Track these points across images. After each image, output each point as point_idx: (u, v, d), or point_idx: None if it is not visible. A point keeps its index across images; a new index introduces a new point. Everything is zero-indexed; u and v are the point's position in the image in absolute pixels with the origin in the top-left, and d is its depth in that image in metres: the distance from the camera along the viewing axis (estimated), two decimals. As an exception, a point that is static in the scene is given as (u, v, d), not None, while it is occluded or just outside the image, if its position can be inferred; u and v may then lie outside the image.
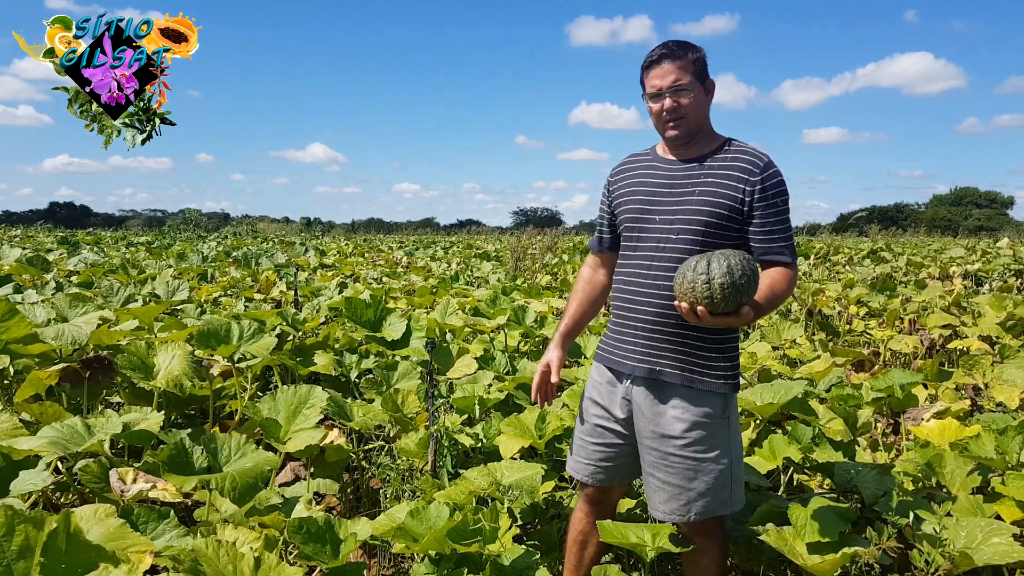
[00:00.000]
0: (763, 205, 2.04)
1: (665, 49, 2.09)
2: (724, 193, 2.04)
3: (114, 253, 14.36)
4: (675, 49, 2.08)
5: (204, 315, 5.67)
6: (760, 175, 2.04)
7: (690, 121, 2.09)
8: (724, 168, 2.07)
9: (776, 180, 2.05)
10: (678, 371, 2.08)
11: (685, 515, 2.10)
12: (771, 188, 2.04)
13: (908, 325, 6.53)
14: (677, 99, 2.06)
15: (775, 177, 2.05)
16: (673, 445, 2.08)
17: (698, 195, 2.06)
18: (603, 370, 2.25)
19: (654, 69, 2.09)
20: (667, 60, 2.07)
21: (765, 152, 2.09)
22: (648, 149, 2.29)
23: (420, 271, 12.05)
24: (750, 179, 2.03)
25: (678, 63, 2.07)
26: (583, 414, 2.31)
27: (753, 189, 2.03)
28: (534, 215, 62.79)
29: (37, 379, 3.50)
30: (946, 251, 17.10)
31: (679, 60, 2.07)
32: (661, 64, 2.08)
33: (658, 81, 2.08)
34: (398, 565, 2.81)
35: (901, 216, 58.15)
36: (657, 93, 2.08)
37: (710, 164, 2.09)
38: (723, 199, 2.04)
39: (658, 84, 2.08)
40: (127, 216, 66.50)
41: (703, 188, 2.06)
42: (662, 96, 2.08)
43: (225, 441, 2.72)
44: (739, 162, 2.07)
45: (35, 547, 1.80)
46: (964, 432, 3.14)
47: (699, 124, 2.11)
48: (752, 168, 2.04)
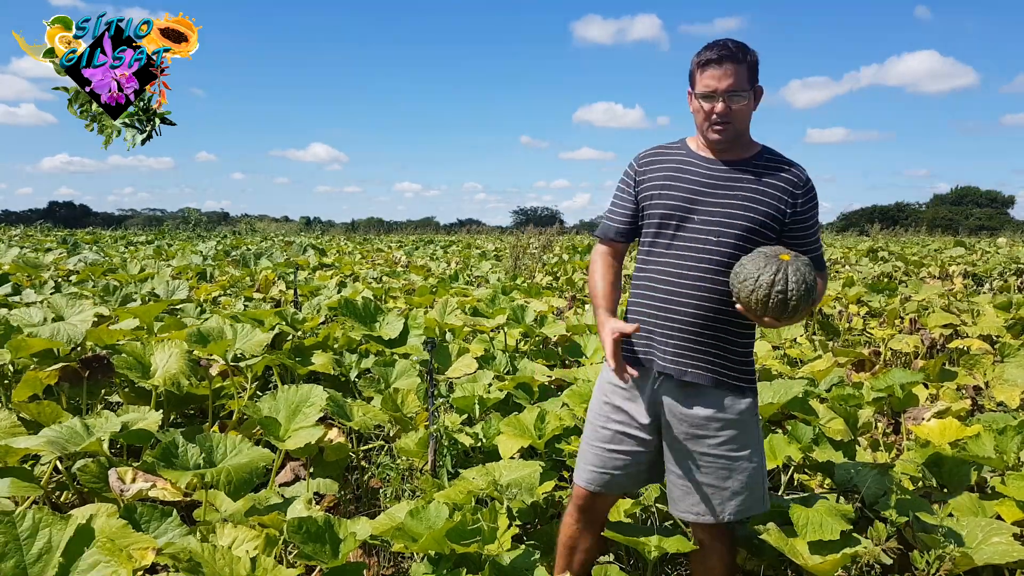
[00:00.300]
0: (802, 219, 2.08)
1: (725, 50, 1.99)
2: (768, 203, 2.04)
3: (114, 253, 14.36)
4: (735, 51, 2.00)
5: (203, 314, 5.67)
6: (803, 190, 2.07)
7: (736, 127, 2.04)
8: (768, 178, 2.06)
9: (813, 195, 2.10)
10: (711, 371, 2.08)
11: (719, 515, 2.09)
12: (810, 201, 2.09)
13: (909, 324, 6.52)
14: (730, 104, 2.00)
15: (812, 191, 2.10)
16: (707, 444, 2.07)
17: (741, 200, 2.04)
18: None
19: (712, 69, 2.00)
20: (728, 62, 1.99)
21: (802, 166, 2.12)
22: (678, 142, 2.20)
23: (419, 271, 12.05)
24: (794, 192, 2.06)
25: (737, 67, 1.99)
26: (599, 420, 2.24)
27: (795, 203, 2.06)
28: (534, 214, 62.80)
29: (34, 379, 3.50)
30: (946, 250, 17.11)
31: (739, 64, 1.99)
32: (722, 65, 1.99)
33: (714, 83, 2.00)
34: (398, 565, 2.81)
35: (902, 215, 58.17)
36: (711, 94, 2.01)
37: (753, 171, 2.07)
38: (766, 207, 2.04)
39: (714, 86, 2.00)
40: (127, 215, 66.48)
41: (746, 194, 2.04)
42: (715, 98, 2.00)
43: (221, 440, 2.72)
44: (783, 173, 2.07)
45: (56, 549, 1.82)
46: (965, 432, 3.14)
47: (743, 129, 2.08)
48: (796, 183, 2.07)
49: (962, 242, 20.31)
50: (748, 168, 2.07)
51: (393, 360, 4.25)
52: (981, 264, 12.62)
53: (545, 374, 4.37)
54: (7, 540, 1.83)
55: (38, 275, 8.64)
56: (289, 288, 8.16)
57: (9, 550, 1.82)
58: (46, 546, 1.85)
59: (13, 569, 1.80)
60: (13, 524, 1.85)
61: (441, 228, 52.20)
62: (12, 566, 1.80)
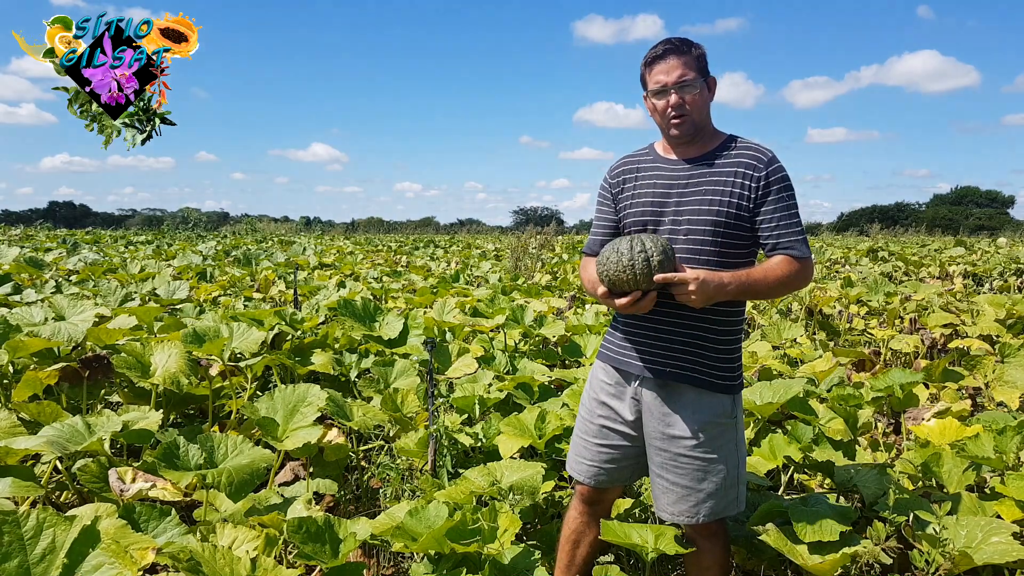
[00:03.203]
0: (769, 199, 2.02)
1: (669, 45, 2.06)
2: (731, 191, 2.03)
3: (113, 253, 14.36)
4: (679, 45, 2.06)
5: (203, 314, 5.67)
6: (765, 169, 2.03)
7: (694, 118, 2.07)
8: (729, 165, 2.06)
9: (781, 174, 2.04)
10: (688, 372, 2.07)
11: (694, 516, 2.10)
12: (776, 182, 2.03)
13: (909, 324, 6.52)
14: (682, 95, 2.04)
15: (780, 172, 2.04)
16: (683, 446, 2.07)
17: (705, 194, 2.05)
18: (610, 371, 2.24)
19: (658, 65, 2.07)
20: (672, 55, 2.05)
21: (769, 147, 2.08)
22: (646, 148, 2.26)
23: (419, 271, 12.05)
24: (755, 174, 2.02)
25: (683, 59, 2.04)
26: (587, 415, 2.29)
27: (758, 184, 2.02)
28: (534, 214, 62.78)
29: (34, 379, 3.50)
30: (946, 250, 17.11)
31: (683, 56, 2.05)
32: (666, 60, 2.05)
33: (663, 77, 2.05)
34: (398, 565, 2.81)
35: (902, 215, 58.18)
36: (662, 89, 2.06)
37: (715, 162, 2.08)
38: (730, 196, 2.03)
39: (663, 80, 2.05)
40: (127, 215, 66.50)
41: (710, 187, 2.05)
42: (667, 92, 2.05)
43: (222, 440, 2.72)
44: (744, 158, 2.06)
45: (60, 549, 1.82)
46: (964, 432, 3.14)
47: (702, 121, 2.10)
48: (756, 163, 2.04)
49: (962, 242, 20.31)
50: (710, 162, 2.08)
51: (393, 360, 4.25)
52: (981, 264, 12.63)
53: (545, 374, 4.38)
54: (11, 540, 1.82)
55: (39, 275, 8.65)
56: (289, 288, 8.16)
57: (13, 550, 1.82)
58: (50, 546, 1.84)
59: (17, 569, 1.80)
60: (17, 524, 1.85)
61: (441, 228, 52.24)
62: (16, 566, 1.80)
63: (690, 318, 2.05)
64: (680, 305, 2.03)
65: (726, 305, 2.07)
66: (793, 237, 2.03)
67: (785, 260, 2.03)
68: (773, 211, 2.03)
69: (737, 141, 2.11)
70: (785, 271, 2.02)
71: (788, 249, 2.03)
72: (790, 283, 2.04)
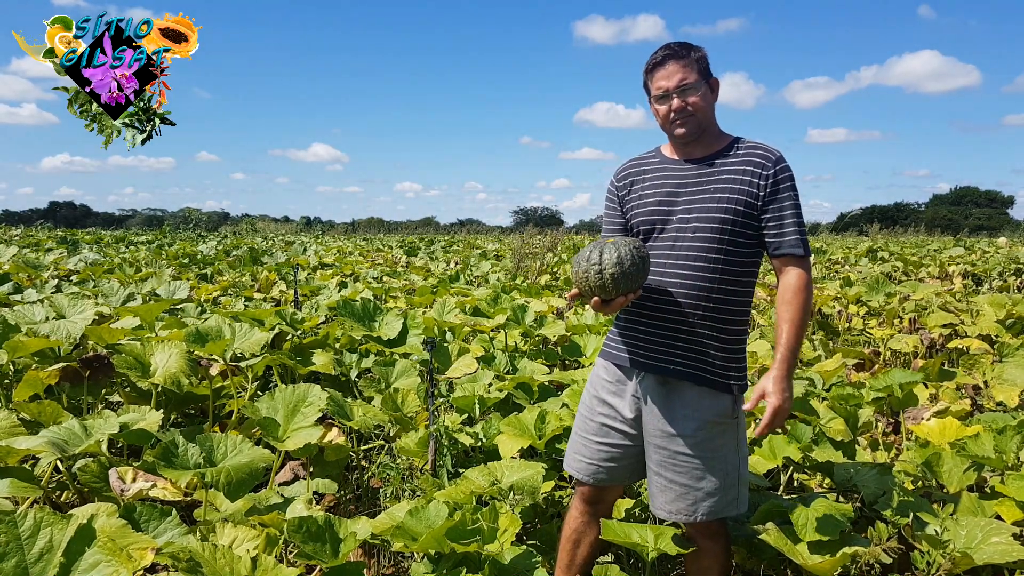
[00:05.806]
0: (777, 197, 2.04)
1: (668, 50, 2.09)
2: (738, 189, 2.04)
3: (113, 252, 14.36)
4: (678, 49, 2.09)
5: (203, 314, 5.67)
6: (773, 168, 2.05)
7: (699, 120, 2.09)
8: (738, 164, 2.07)
9: (788, 174, 2.06)
10: (690, 370, 2.08)
11: (691, 515, 2.10)
12: (784, 180, 2.05)
13: (908, 324, 6.53)
14: (685, 98, 2.07)
15: (787, 171, 2.06)
16: (682, 444, 2.07)
17: (714, 192, 2.06)
18: (612, 368, 2.25)
19: (659, 71, 2.10)
20: (672, 60, 2.08)
21: (776, 148, 2.10)
22: (652, 151, 2.28)
23: (420, 271, 12.05)
24: (763, 173, 2.04)
25: (683, 62, 2.07)
26: (587, 412, 2.29)
27: (767, 183, 2.04)
28: (534, 214, 62.80)
29: (35, 379, 3.50)
30: (945, 250, 17.11)
31: (683, 59, 2.07)
32: (666, 65, 2.08)
33: (664, 82, 2.08)
34: (398, 564, 2.81)
35: (901, 215, 58.18)
36: (664, 95, 2.09)
37: (721, 162, 2.09)
38: (738, 195, 2.04)
39: (664, 85, 2.08)
40: (127, 215, 66.53)
41: (717, 187, 2.06)
42: (669, 97, 2.08)
43: (221, 440, 2.72)
44: (752, 157, 2.07)
45: (57, 548, 1.83)
46: (964, 431, 3.14)
47: (707, 122, 2.12)
48: (765, 162, 2.06)
49: (962, 242, 20.31)
50: (716, 162, 2.10)
51: (393, 360, 4.25)
52: (981, 264, 12.63)
53: (545, 374, 4.38)
54: (9, 540, 1.83)
55: (39, 275, 8.65)
56: (289, 288, 8.16)
57: (10, 550, 1.82)
58: (47, 545, 1.84)
59: (14, 569, 1.80)
60: (15, 524, 1.85)
61: (441, 228, 52.24)
62: (13, 565, 1.80)
63: (694, 317, 2.06)
64: (684, 304, 2.05)
65: (730, 304, 2.08)
66: (796, 236, 2.06)
67: (796, 277, 2.05)
68: (780, 210, 2.05)
69: (743, 142, 2.13)
70: (803, 292, 2.05)
71: (793, 248, 2.05)
72: (806, 299, 2.06)
